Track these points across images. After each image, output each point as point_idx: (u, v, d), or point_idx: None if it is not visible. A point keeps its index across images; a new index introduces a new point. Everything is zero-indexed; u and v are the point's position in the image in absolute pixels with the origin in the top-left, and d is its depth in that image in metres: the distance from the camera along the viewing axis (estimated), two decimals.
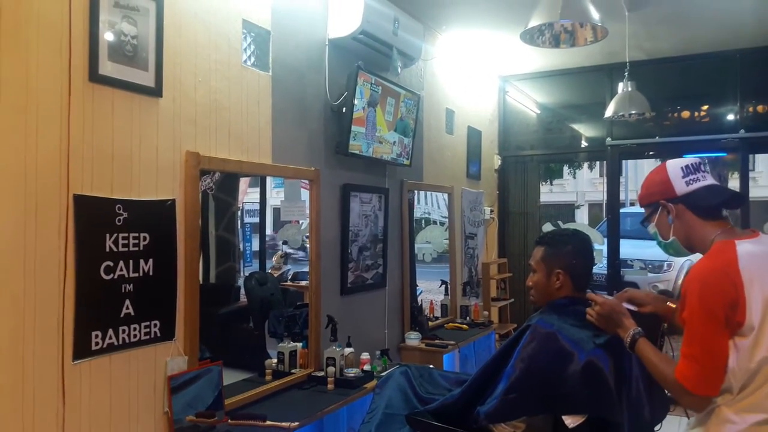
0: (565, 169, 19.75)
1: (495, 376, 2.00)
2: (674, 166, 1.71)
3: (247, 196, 4.38)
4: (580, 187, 25.23)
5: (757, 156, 20.90)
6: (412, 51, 3.84)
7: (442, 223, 5.28)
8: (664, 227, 1.74)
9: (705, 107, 5.61)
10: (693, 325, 1.54)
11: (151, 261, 2.33)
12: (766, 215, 6.25)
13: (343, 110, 3.42)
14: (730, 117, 5.39)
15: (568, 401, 1.84)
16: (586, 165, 18.51)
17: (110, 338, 2.18)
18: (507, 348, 2.04)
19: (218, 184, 3.90)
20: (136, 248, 2.28)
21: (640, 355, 1.70)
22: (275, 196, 4.31)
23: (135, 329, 2.27)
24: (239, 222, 4.52)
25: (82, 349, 2.08)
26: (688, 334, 1.55)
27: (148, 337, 2.32)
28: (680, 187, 1.68)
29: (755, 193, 17.22)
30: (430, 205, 5.34)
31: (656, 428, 2.16)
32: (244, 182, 4.21)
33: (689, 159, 1.72)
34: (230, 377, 2.89)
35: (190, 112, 2.53)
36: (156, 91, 2.36)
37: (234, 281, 4.38)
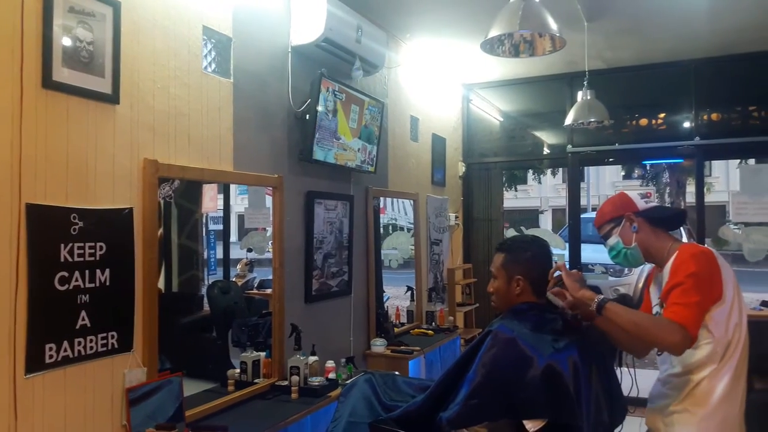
0: (530, 174, 20.10)
1: (457, 382, 2.01)
2: (631, 193, 2.17)
3: (213, 202, 4.31)
4: (544, 193, 25.65)
5: (713, 162, 21.62)
6: (375, 59, 3.85)
7: (408, 230, 5.30)
8: (627, 236, 2.09)
9: (662, 115, 5.77)
10: (690, 284, 1.82)
11: (108, 271, 2.28)
12: (721, 219, 6.43)
13: (307, 117, 3.41)
14: (686, 125, 5.55)
15: (528, 406, 1.86)
16: (549, 171, 18.82)
17: (65, 351, 2.12)
18: (469, 354, 2.05)
19: (181, 192, 3.84)
20: (93, 258, 2.23)
21: (611, 315, 1.86)
22: (240, 203, 4.27)
23: (91, 341, 2.22)
24: (203, 229, 4.46)
25: (35, 363, 2.02)
26: (684, 290, 1.81)
27: (105, 348, 2.27)
28: (641, 204, 2.10)
29: (711, 198, 17.81)
30: (396, 211, 5.36)
31: (616, 431, 2.20)
32: (212, 189, 4.15)
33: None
34: (192, 388, 2.85)
35: (149, 119, 2.49)
36: (113, 98, 2.31)
37: (197, 290, 4.31)
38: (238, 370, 3.07)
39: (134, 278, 2.40)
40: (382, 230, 5.03)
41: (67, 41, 2.13)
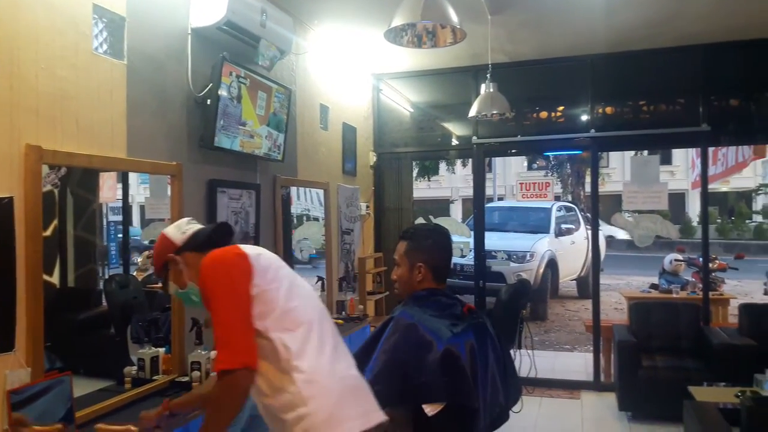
0: (443, 165, 20.54)
1: (360, 369, 2.02)
2: (169, 228, 1.96)
3: (113, 191, 4.08)
4: (454, 183, 26.31)
5: (611, 154, 22.93)
6: (281, 44, 3.77)
7: (322, 220, 5.26)
8: (179, 278, 1.91)
9: (561, 108, 6.03)
10: (220, 306, 1.68)
11: None
12: (617, 208, 6.85)
13: (208, 102, 3.30)
14: (583, 117, 5.84)
15: (427, 390, 1.90)
16: (460, 162, 19.31)
17: None
18: (372, 340, 2.07)
19: (77, 180, 3.61)
20: None
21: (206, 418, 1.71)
22: (142, 193, 4.07)
23: None
24: (104, 220, 4.22)
25: None
26: (218, 318, 1.67)
27: None
28: (178, 238, 1.92)
29: (609, 187, 18.88)
30: (309, 201, 5.30)
31: (516, 410, 2.29)
32: (111, 177, 3.93)
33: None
34: (88, 387, 2.72)
35: (31, 102, 2.31)
36: None
37: (95, 285, 4.08)
38: (135, 368, 2.94)
39: (15, 273, 2.23)
40: (295, 220, 4.96)
41: None
